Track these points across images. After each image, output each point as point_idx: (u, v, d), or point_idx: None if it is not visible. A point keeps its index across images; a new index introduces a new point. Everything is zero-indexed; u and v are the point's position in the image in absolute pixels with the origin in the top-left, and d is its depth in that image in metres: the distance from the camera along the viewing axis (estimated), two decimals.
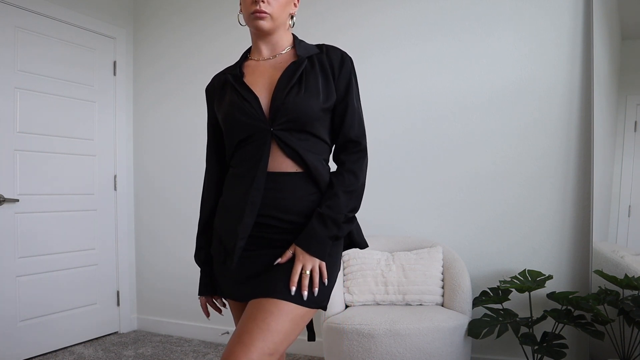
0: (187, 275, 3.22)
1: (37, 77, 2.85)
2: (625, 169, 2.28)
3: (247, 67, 1.30)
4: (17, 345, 2.69)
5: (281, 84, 1.20)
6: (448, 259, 2.35)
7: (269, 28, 1.23)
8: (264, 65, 1.28)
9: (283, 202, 1.19)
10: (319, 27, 2.85)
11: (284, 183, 1.19)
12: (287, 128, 1.18)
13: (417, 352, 1.96)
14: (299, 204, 1.20)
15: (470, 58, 2.52)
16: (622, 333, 2.09)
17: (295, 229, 1.20)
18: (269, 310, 1.10)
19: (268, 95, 1.21)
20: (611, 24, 2.36)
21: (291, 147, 1.18)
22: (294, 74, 1.21)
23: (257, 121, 1.18)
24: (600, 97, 2.29)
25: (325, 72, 1.24)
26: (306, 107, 1.17)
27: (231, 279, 1.26)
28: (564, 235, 2.36)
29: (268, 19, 1.22)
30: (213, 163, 1.38)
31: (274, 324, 1.08)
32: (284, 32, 1.29)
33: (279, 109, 1.18)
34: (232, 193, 1.25)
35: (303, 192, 1.20)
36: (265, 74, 1.25)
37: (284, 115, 1.17)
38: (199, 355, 2.84)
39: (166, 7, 3.35)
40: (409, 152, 2.66)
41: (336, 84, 1.24)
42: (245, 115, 1.19)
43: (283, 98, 1.18)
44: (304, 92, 1.18)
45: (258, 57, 1.30)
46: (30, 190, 2.80)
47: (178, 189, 3.29)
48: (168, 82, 3.33)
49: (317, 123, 1.21)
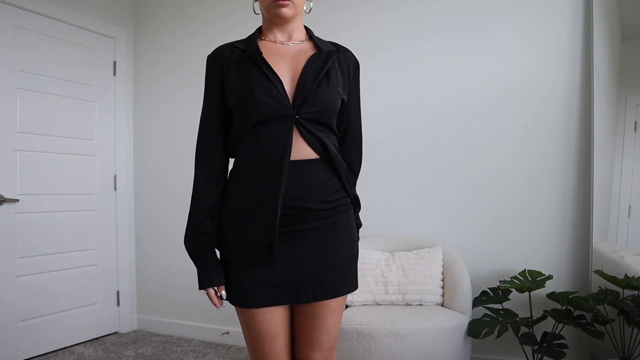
0: (187, 276, 3.22)
1: (37, 77, 2.85)
2: (625, 169, 2.28)
3: (262, 46, 1.26)
4: (17, 345, 2.69)
5: (309, 74, 1.20)
6: (448, 259, 2.35)
7: (291, 15, 1.23)
8: (282, 49, 1.26)
9: (306, 190, 1.19)
10: (319, 27, 2.83)
11: (306, 171, 1.19)
12: (311, 118, 1.19)
13: (417, 352, 1.96)
14: (321, 190, 1.21)
15: (471, 58, 2.52)
16: (622, 333, 2.09)
17: (319, 216, 1.21)
18: (332, 309, 1.24)
19: (291, 82, 1.20)
20: (611, 24, 2.36)
21: (315, 135, 1.19)
22: (323, 66, 1.22)
23: (282, 106, 1.17)
24: (600, 97, 2.29)
25: (342, 71, 1.28)
26: (334, 102, 1.22)
27: (266, 282, 1.19)
28: (564, 235, 2.36)
29: (290, 6, 1.21)
30: (218, 146, 1.26)
31: (330, 323, 1.23)
32: (300, 19, 1.30)
33: (308, 98, 1.18)
34: (251, 184, 1.19)
35: (323, 177, 1.22)
36: (286, 59, 1.24)
37: (313, 106, 1.18)
38: (199, 355, 2.84)
39: (166, 7, 3.35)
40: (409, 152, 2.66)
41: (350, 87, 1.30)
42: (270, 98, 1.16)
43: (314, 89, 1.18)
44: (332, 87, 1.21)
45: (273, 39, 1.28)
46: (30, 190, 2.80)
47: (178, 189, 3.28)
48: (168, 82, 3.33)
49: (335, 117, 1.26)
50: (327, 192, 1.21)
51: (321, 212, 1.21)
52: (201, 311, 3.16)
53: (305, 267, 1.20)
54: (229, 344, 3.03)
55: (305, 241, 1.20)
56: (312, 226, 1.20)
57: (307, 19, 2.79)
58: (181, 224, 3.61)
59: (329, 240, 1.23)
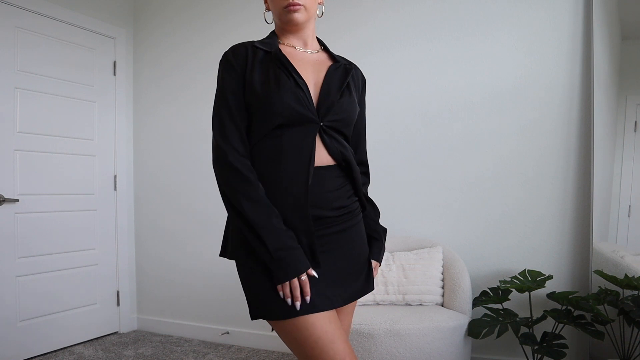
0: (188, 275, 3.22)
1: (37, 77, 2.85)
2: (625, 169, 2.28)
3: (282, 51, 1.24)
4: (17, 345, 2.69)
5: (333, 84, 1.22)
6: (448, 259, 2.35)
7: (303, 20, 1.24)
8: (303, 55, 1.27)
9: (325, 196, 1.20)
10: (319, 27, 2.84)
11: (325, 177, 1.20)
12: (333, 126, 1.21)
13: (417, 352, 1.96)
14: (338, 197, 1.22)
15: (471, 58, 2.52)
16: (622, 333, 2.09)
17: (334, 222, 1.22)
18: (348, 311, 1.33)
19: (315, 89, 1.21)
20: (611, 24, 2.36)
21: (338, 141, 1.22)
22: (344, 78, 1.25)
23: (308, 111, 1.17)
24: (600, 97, 2.29)
25: (356, 85, 1.32)
26: (354, 113, 1.26)
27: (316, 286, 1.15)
28: (564, 235, 2.36)
29: (302, 10, 1.22)
30: (243, 142, 1.17)
31: (346, 325, 1.33)
32: (313, 27, 1.31)
33: (332, 106, 1.20)
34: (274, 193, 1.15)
35: (340, 183, 1.23)
36: (307, 66, 1.25)
37: (337, 114, 1.20)
38: (199, 355, 2.84)
39: (166, 7, 3.35)
40: (409, 153, 2.66)
41: (359, 102, 1.33)
42: (297, 101, 1.15)
43: (338, 98, 1.21)
44: (352, 99, 1.26)
45: (292, 45, 1.28)
46: (30, 190, 2.80)
47: (178, 189, 3.29)
48: (168, 82, 3.33)
49: (352, 128, 1.30)
50: (342, 198, 1.23)
51: (336, 218, 1.22)
52: (201, 311, 3.16)
53: (331, 272, 1.21)
54: (229, 344, 3.04)
55: (328, 247, 1.21)
56: (330, 231, 1.22)
57: None
58: (181, 223, 3.63)
59: (348, 244, 1.25)
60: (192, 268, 3.21)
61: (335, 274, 1.21)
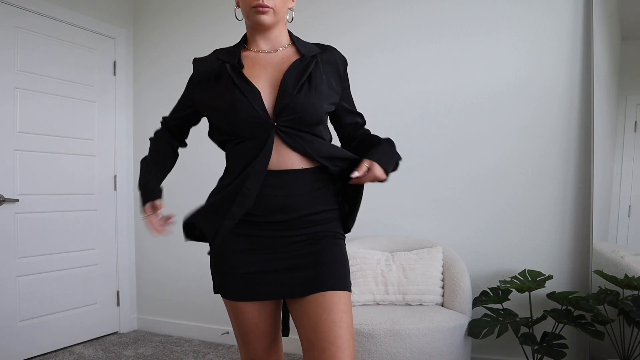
0: (188, 275, 3.22)
1: (37, 77, 2.84)
2: (625, 169, 2.29)
3: (245, 58, 1.26)
4: (17, 345, 2.69)
5: (290, 81, 1.19)
6: (448, 259, 2.35)
7: (270, 22, 1.23)
8: (265, 58, 1.27)
9: (288, 200, 1.20)
10: (319, 27, 2.85)
11: (289, 181, 1.19)
12: (291, 125, 1.18)
13: (417, 352, 1.96)
14: (304, 201, 1.21)
15: (471, 58, 2.52)
16: (622, 333, 2.09)
17: (303, 223, 1.22)
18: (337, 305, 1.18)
19: (273, 91, 1.20)
20: (611, 24, 2.36)
21: (298, 141, 1.19)
22: (303, 72, 1.21)
23: (258, 118, 1.17)
24: (600, 97, 2.29)
25: (333, 71, 1.28)
26: (317, 108, 1.20)
27: (253, 274, 1.23)
28: (564, 235, 2.36)
29: (270, 13, 1.21)
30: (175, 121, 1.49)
31: (347, 318, 1.17)
32: (283, 27, 1.29)
33: (287, 106, 1.17)
34: (225, 183, 1.27)
35: (308, 188, 1.22)
36: (267, 68, 1.24)
37: (293, 113, 1.17)
38: (199, 355, 2.84)
39: (166, 7, 3.35)
40: (409, 153, 2.65)
41: (343, 84, 1.32)
42: (244, 112, 1.17)
43: (293, 96, 1.17)
44: (315, 94, 1.20)
45: (257, 49, 1.28)
46: (30, 190, 2.80)
47: (178, 189, 3.28)
48: (168, 82, 3.33)
49: (320, 124, 1.25)
50: (310, 202, 1.22)
51: (302, 218, 1.22)
52: (201, 311, 3.16)
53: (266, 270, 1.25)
54: (229, 344, 3.03)
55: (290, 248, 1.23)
56: (293, 233, 1.22)
57: (307, 19, 2.81)
58: (181, 223, 3.60)
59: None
60: (192, 268, 3.20)
61: (270, 272, 1.23)
